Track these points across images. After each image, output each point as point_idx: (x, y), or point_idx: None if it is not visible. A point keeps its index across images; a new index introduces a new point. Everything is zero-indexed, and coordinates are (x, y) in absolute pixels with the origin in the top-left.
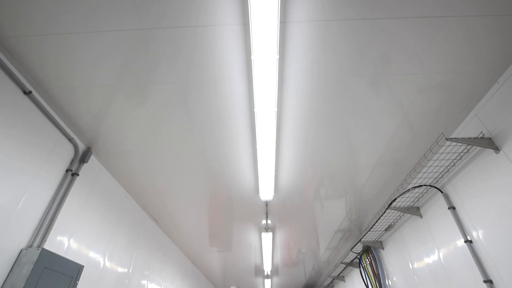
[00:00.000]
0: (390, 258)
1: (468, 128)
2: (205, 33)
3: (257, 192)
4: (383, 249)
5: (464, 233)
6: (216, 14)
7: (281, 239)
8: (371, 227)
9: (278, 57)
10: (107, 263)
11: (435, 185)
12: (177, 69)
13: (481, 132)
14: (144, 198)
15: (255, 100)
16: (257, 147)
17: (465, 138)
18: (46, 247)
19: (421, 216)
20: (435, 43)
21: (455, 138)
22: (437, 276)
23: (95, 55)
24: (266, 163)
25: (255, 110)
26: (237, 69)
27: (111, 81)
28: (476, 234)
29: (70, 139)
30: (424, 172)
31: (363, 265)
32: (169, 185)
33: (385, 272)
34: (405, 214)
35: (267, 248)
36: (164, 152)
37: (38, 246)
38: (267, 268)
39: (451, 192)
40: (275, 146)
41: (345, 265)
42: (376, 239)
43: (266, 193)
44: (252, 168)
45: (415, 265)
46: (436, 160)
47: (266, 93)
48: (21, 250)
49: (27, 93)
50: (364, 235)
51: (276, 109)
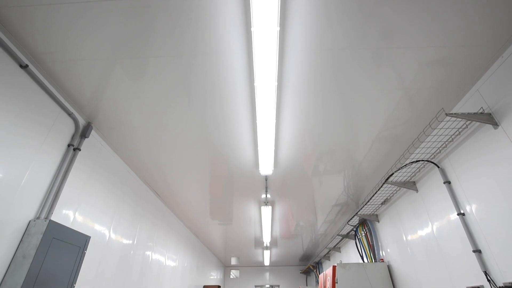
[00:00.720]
0: (385, 231)
1: (469, 104)
2: (204, 4)
3: (257, 166)
4: (378, 222)
5: (457, 206)
6: None
7: (280, 213)
8: (368, 201)
9: (279, 29)
10: (112, 235)
11: (432, 160)
12: (175, 41)
13: (481, 107)
14: (146, 173)
15: (255, 74)
16: (257, 121)
17: (464, 114)
18: (53, 220)
19: (416, 191)
20: (440, 15)
21: (455, 114)
22: (429, 248)
23: (90, 26)
24: (266, 138)
25: (255, 84)
26: (237, 42)
27: (108, 54)
28: (469, 207)
29: (70, 114)
30: (422, 148)
31: (359, 237)
32: (169, 160)
33: (379, 243)
34: (401, 188)
35: (266, 221)
36: (164, 127)
37: (46, 218)
38: (266, 240)
39: (448, 167)
40: (275, 121)
41: (341, 237)
42: (372, 212)
43: (266, 167)
44: (252, 142)
45: (409, 238)
46: (434, 135)
47: (266, 66)
48: (29, 221)
49: (24, 67)
50: (361, 209)
51: (276, 83)
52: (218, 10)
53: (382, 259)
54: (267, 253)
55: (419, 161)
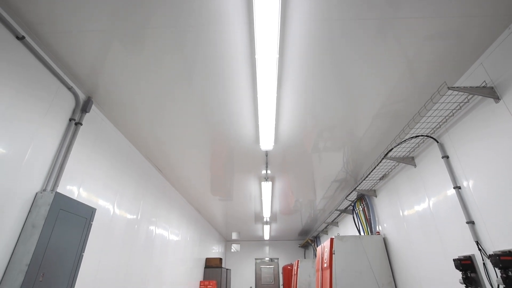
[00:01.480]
0: (382, 205)
1: (471, 78)
2: None
3: (257, 142)
4: (376, 197)
5: (454, 180)
6: None
7: (280, 189)
8: (367, 176)
9: None
10: (117, 210)
11: (431, 135)
12: (172, 12)
13: (484, 81)
14: (147, 149)
15: (256, 46)
16: (258, 96)
17: (467, 87)
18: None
19: (415, 166)
20: None
21: (457, 87)
22: (425, 221)
23: None
24: (266, 113)
25: (256, 57)
26: (238, 13)
27: (105, 25)
28: (466, 180)
29: (70, 88)
30: (422, 123)
31: (356, 212)
32: (170, 136)
33: (376, 218)
34: (400, 164)
35: (266, 197)
36: (163, 102)
37: (52, 190)
38: (266, 215)
39: (447, 142)
40: (276, 95)
41: (339, 212)
42: (371, 187)
43: (266, 143)
44: (253, 117)
45: (405, 211)
46: (435, 110)
47: (268, 38)
48: (36, 193)
49: (20, 38)
50: (359, 184)
51: (277, 55)
52: None
53: (378, 232)
54: (267, 228)
55: (418, 136)
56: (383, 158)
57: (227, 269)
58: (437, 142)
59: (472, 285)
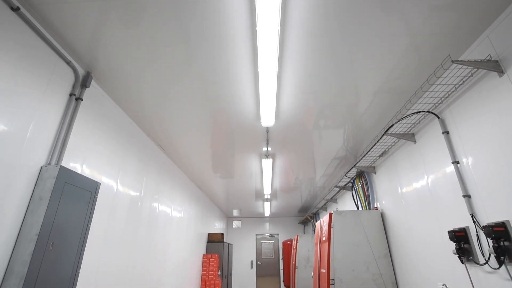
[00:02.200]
0: (381, 182)
1: (476, 52)
2: None
3: (258, 118)
4: (375, 173)
5: (453, 155)
6: None
7: (280, 166)
8: (366, 153)
9: None
10: (120, 187)
11: (433, 111)
12: None
13: (489, 54)
14: (148, 125)
15: (258, 17)
16: (258, 70)
17: (471, 61)
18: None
19: (415, 142)
20: None
21: (461, 61)
22: (422, 196)
23: None
24: (267, 87)
25: (257, 29)
26: None
27: None
28: (465, 155)
29: (68, 63)
30: (424, 98)
31: (355, 188)
32: (169, 113)
33: (375, 194)
34: (400, 140)
35: (267, 174)
36: (162, 77)
37: (56, 164)
38: (267, 192)
39: (448, 118)
40: (277, 69)
41: (338, 189)
42: (370, 164)
43: (267, 119)
44: (253, 93)
45: (404, 187)
46: (438, 84)
47: (269, 8)
48: (41, 167)
49: (15, 9)
50: (359, 161)
51: (279, 27)
52: None
53: (376, 208)
54: (267, 204)
55: (420, 112)
56: (383, 135)
57: (228, 244)
58: (438, 117)
59: (465, 255)
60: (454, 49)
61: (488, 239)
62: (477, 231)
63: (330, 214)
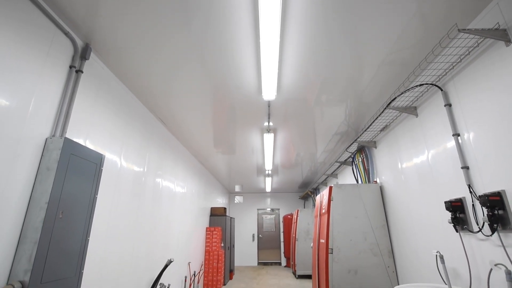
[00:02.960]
0: (381, 156)
1: (485, 20)
2: None
3: (259, 92)
4: (376, 148)
5: (454, 127)
6: None
7: (282, 141)
8: (368, 127)
9: None
10: (124, 163)
11: (436, 83)
12: None
13: (497, 22)
14: (149, 99)
15: None
16: (260, 41)
17: (478, 30)
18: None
19: (416, 115)
20: None
21: (468, 30)
22: (421, 169)
23: None
24: (269, 59)
25: None
26: None
27: None
28: (465, 127)
29: (67, 33)
30: (428, 69)
31: (356, 163)
32: (169, 87)
33: (375, 169)
34: (402, 114)
35: (268, 149)
36: (161, 49)
37: (61, 136)
38: (268, 168)
39: (451, 90)
40: (279, 40)
41: (339, 164)
42: (371, 139)
43: (269, 92)
44: (255, 65)
45: (404, 160)
46: (443, 55)
47: None
48: (46, 139)
49: None
50: (360, 135)
51: None
52: None
53: (375, 181)
54: (268, 180)
55: (423, 84)
56: (385, 108)
57: (231, 218)
58: (441, 90)
59: (460, 224)
60: (461, 17)
61: (483, 208)
62: (473, 201)
63: (330, 188)
